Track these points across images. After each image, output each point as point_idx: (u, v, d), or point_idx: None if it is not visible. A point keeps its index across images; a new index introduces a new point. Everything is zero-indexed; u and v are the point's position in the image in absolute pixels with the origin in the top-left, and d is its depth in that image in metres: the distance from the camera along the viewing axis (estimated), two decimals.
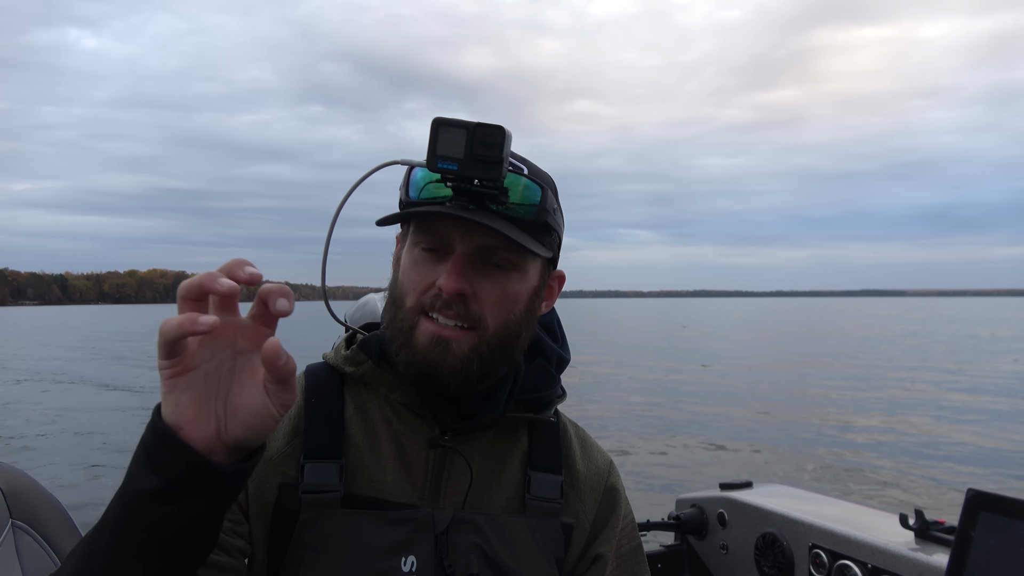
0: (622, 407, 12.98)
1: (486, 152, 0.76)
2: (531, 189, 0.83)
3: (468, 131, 0.76)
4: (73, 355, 27.31)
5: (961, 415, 11.85)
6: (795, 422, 11.33)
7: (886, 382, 16.27)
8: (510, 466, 0.92)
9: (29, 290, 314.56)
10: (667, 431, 10.75)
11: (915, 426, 10.90)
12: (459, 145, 0.76)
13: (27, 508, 1.24)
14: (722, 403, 13.40)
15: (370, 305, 1.30)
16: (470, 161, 0.76)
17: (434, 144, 0.77)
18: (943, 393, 14.41)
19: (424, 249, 0.84)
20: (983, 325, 45.13)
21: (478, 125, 0.76)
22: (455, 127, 0.77)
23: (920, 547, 1.39)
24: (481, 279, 0.82)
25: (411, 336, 0.82)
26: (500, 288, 0.83)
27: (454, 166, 0.77)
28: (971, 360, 21.31)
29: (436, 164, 0.77)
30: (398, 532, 0.82)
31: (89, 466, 8.80)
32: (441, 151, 0.77)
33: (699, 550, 1.99)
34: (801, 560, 1.62)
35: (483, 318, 0.82)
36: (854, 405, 12.97)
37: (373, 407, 0.90)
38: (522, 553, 0.86)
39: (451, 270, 0.80)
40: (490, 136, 0.76)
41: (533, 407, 0.95)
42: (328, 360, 0.95)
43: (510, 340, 0.86)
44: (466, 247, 0.81)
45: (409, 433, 0.88)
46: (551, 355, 0.97)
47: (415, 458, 0.87)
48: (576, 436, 1.01)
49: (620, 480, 1.02)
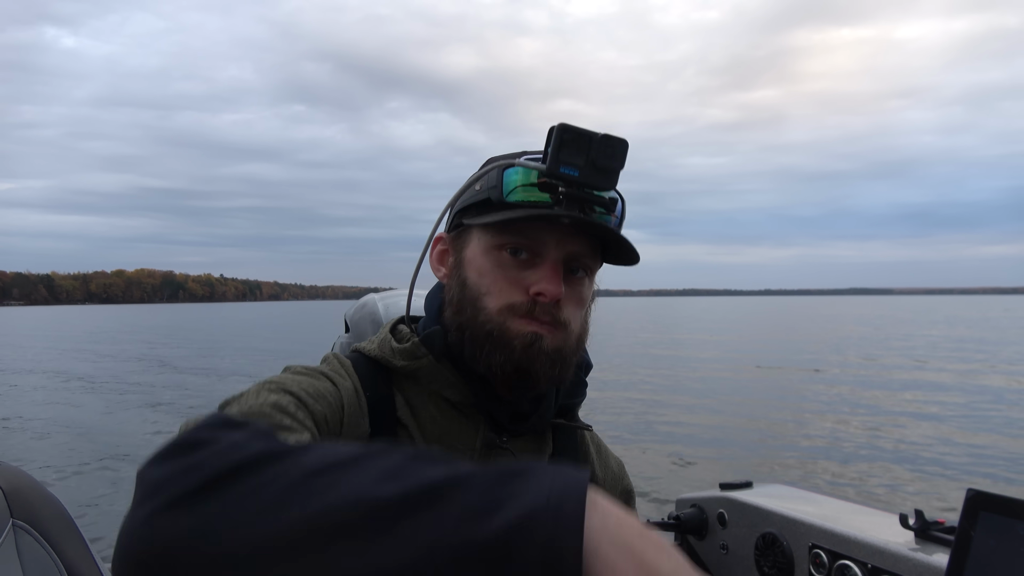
0: (622, 407, 12.98)
1: (608, 163, 0.78)
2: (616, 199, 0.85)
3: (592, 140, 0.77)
4: (70, 354, 27.33)
5: (962, 415, 11.85)
6: (795, 422, 11.34)
7: (886, 382, 16.27)
8: None
9: (15, 290, 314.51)
10: (667, 431, 10.76)
11: (915, 426, 10.90)
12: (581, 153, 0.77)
13: (28, 507, 1.24)
14: (722, 403, 13.40)
15: (369, 306, 1.30)
16: (590, 170, 0.78)
17: (558, 148, 0.77)
18: (943, 392, 14.41)
19: (508, 253, 0.83)
20: (977, 324, 45.18)
21: (604, 136, 0.77)
22: (580, 135, 0.77)
23: (920, 547, 1.39)
24: (566, 285, 0.84)
25: (505, 335, 0.82)
26: (579, 293, 0.86)
27: (575, 172, 0.78)
28: (972, 360, 21.31)
29: (558, 169, 0.77)
30: None
31: (89, 466, 8.80)
32: (564, 156, 0.77)
33: (699, 550, 2.00)
34: (801, 560, 1.62)
35: (570, 320, 0.84)
36: (855, 405, 12.97)
37: (419, 403, 0.90)
38: None
39: (552, 276, 0.81)
40: (613, 147, 0.78)
41: (563, 412, 0.97)
42: (370, 353, 0.93)
43: (581, 343, 0.89)
44: (559, 253, 0.82)
45: (455, 431, 0.89)
46: (581, 362, 0.98)
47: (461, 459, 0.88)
48: (592, 441, 1.04)
49: (631, 482, 1.06)
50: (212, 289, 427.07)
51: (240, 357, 25.59)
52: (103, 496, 7.45)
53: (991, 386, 15.39)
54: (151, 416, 12.55)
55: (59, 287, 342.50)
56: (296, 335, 38.83)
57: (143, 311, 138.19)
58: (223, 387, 16.08)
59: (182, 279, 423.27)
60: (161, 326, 56.23)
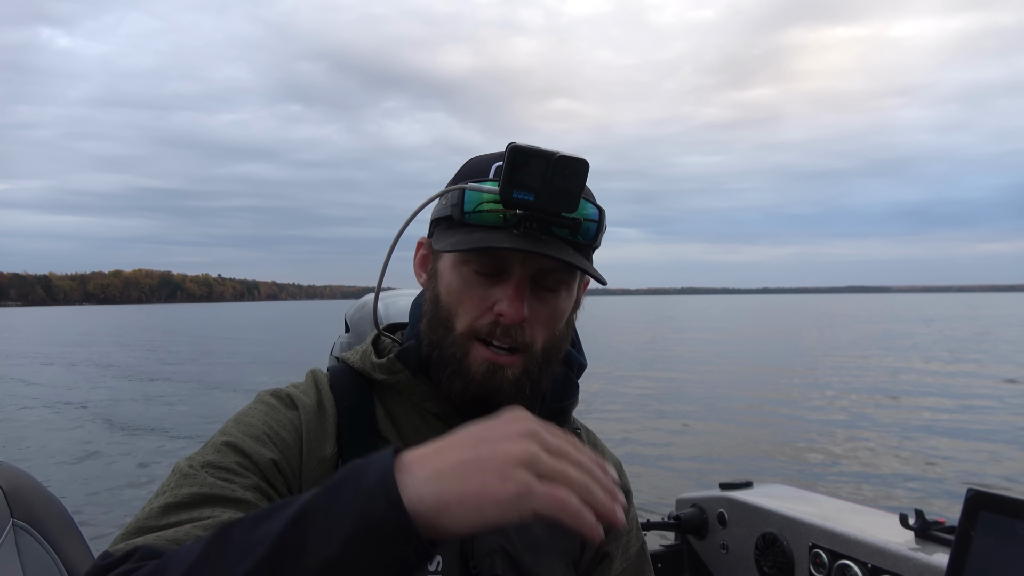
0: (622, 407, 12.99)
1: (565, 185, 0.74)
2: (591, 212, 0.82)
3: (548, 161, 0.73)
4: (69, 354, 27.32)
5: (961, 415, 11.85)
6: (796, 422, 11.34)
7: (887, 381, 16.27)
8: None
9: (12, 291, 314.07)
10: (667, 431, 10.76)
11: (916, 426, 10.90)
12: (537, 175, 0.73)
13: (28, 507, 1.24)
14: (722, 403, 13.40)
15: (368, 306, 1.29)
16: (547, 192, 0.74)
17: (511, 171, 0.73)
18: (944, 392, 14.42)
19: (475, 270, 0.82)
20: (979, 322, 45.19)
21: (561, 157, 0.73)
22: (534, 156, 0.73)
23: (920, 547, 1.39)
24: (534, 301, 0.82)
25: (464, 363, 0.81)
26: (550, 309, 0.83)
27: (531, 197, 0.74)
28: (973, 359, 21.32)
29: (511, 194, 0.74)
30: None
31: (89, 466, 8.79)
32: (517, 180, 0.73)
33: (699, 550, 2.00)
34: (801, 560, 1.62)
35: (533, 341, 0.82)
36: (855, 404, 12.97)
37: (401, 414, 0.89)
38: (543, 555, 0.87)
39: (514, 297, 0.79)
40: (571, 168, 0.73)
41: (554, 415, 0.95)
42: (353, 364, 0.93)
43: (555, 356, 0.87)
44: (526, 271, 0.80)
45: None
46: (573, 363, 0.97)
47: None
48: (589, 441, 1.03)
49: (628, 481, 1.04)
50: (210, 289, 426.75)
51: (238, 359, 25.57)
52: (103, 496, 7.45)
53: (991, 387, 15.40)
54: (150, 416, 12.55)
55: (56, 288, 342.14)
56: (295, 335, 38.81)
57: (141, 311, 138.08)
58: (213, 397, 16.08)
59: (180, 279, 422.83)
60: (158, 327, 56.18)
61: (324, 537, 0.54)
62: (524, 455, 0.54)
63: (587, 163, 0.74)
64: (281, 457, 0.81)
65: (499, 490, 0.53)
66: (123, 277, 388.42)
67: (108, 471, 8.48)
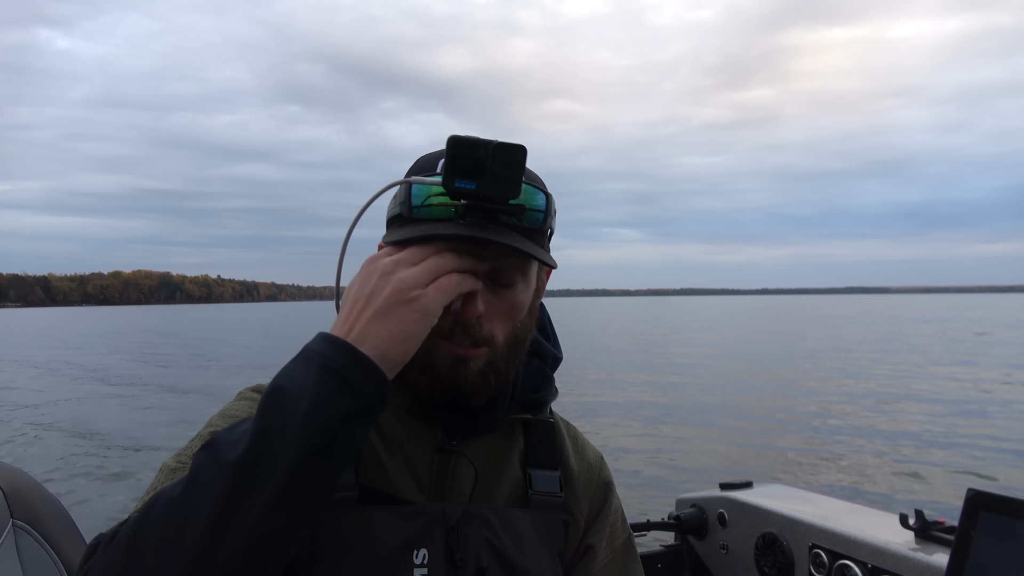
0: (622, 406, 12.99)
1: (506, 171, 0.74)
2: (537, 197, 0.82)
3: (488, 150, 0.74)
4: (68, 355, 27.32)
5: (963, 414, 11.86)
6: (795, 422, 11.34)
7: (887, 381, 16.28)
8: (510, 465, 0.94)
9: (11, 292, 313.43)
10: (667, 431, 10.76)
11: (916, 426, 10.91)
12: (478, 164, 0.74)
13: (28, 508, 1.24)
14: (722, 403, 13.40)
15: None
16: (489, 180, 0.74)
17: (451, 162, 0.74)
18: (943, 391, 14.42)
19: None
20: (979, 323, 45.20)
21: (499, 144, 0.74)
22: (473, 146, 0.74)
23: (920, 547, 1.39)
24: (491, 297, 0.83)
25: (428, 361, 0.82)
26: (508, 303, 0.84)
27: (472, 186, 0.74)
28: (975, 359, 21.33)
29: (453, 184, 0.75)
30: (410, 526, 0.83)
31: (89, 465, 8.79)
32: (458, 171, 0.74)
33: (699, 550, 2.00)
34: (801, 560, 1.62)
35: (494, 335, 0.83)
36: (855, 404, 12.97)
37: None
38: (528, 547, 0.88)
39: (469, 295, 0.79)
40: (511, 155, 0.74)
41: (529, 407, 0.96)
42: None
43: (519, 347, 0.87)
44: (481, 269, 0.80)
45: (413, 437, 0.89)
46: (546, 355, 0.98)
47: (419, 463, 0.88)
48: (568, 434, 1.03)
49: (611, 474, 1.03)
50: (209, 290, 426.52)
51: (236, 360, 25.56)
52: (103, 496, 7.45)
53: (990, 387, 15.41)
54: (151, 416, 12.55)
55: (56, 289, 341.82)
56: (292, 333, 38.78)
57: (141, 312, 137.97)
58: (210, 402, 16.09)
59: (179, 280, 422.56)
60: (164, 329, 56.12)
61: (297, 398, 0.65)
62: (401, 283, 0.71)
63: (525, 148, 0.74)
64: None
65: (412, 315, 0.70)
66: (122, 278, 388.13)
67: (108, 470, 8.48)
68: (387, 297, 0.70)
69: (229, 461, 0.64)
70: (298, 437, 0.64)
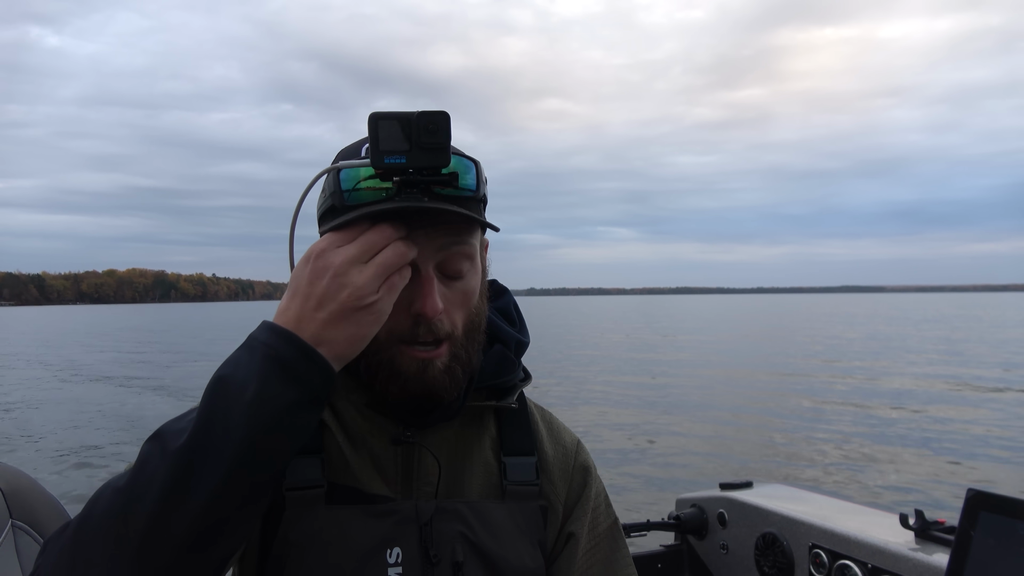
0: (622, 407, 12.99)
1: (432, 139, 0.73)
2: (467, 166, 0.80)
3: (410, 121, 0.73)
4: (66, 354, 27.31)
5: (963, 414, 11.86)
6: (796, 422, 11.34)
7: (887, 381, 16.28)
8: (480, 454, 0.92)
9: (5, 290, 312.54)
10: (666, 431, 10.76)
11: (916, 426, 10.91)
12: (401, 137, 0.73)
13: (27, 508, 1.24)
14: (722, 403, 13.40)
15: None
16: (417, 152, 0.73)
17: (376, 140, 0.73)
18: (943, 391, 14.42)
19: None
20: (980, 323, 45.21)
21: (420, 113, 0.73)
22: (395, 119, 0.73)
23: (920, 547, 1.39)
24: (444, 291, 0.82)
25: (394, 367, 0.81)
26: (461, 293, 0.83)
27: (401, 159, 0.73)
28: (975, 358, 21.33)
29: (382, 161, 0.73)
30: (382, 525, 0.82)
31: (88, 466, 8.79)
32: (384, 146, 0.73)
33: (699, 550, 2.00)
34: (801, 560, 1.62)
35: (453, 327, 0.82)
36: (855, 404, 12.97)
37: (341, 406, 0.90)
38: (506, 538, 0.87)
39: (428, 292, 0.79)
40: (434, 122, 0.73)
41: (496, 394, 0.94)
42: None
43: (475, 331, 0.87)
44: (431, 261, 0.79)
45: (375, 431, 0.88)
46: (508, 340, 0.95)
47: (383, 455, 0.87)
48: (542, 419, 1.01)
49: (590, 457, 1.02)
50: (204, 289, 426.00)
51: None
52: None
53: (991, 387, 15.41)
54: (151, 416, 12.54)
55: (50, 287, 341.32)
56: None
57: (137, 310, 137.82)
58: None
59: (174, 279, 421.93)
60: (151, 327, 56.15)
61: (241, 388, 0.66)
62: (358, 290, 0.70)
63: (447, 114, 0.73)
64: None
65: (368, 318, 0.72)
66: (117, 276, 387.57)
67: (108, 471, 8.48)
68: (343, 302, 0.70)
69: (173, 449, 0.65)
70: (241, 426, 0.65)
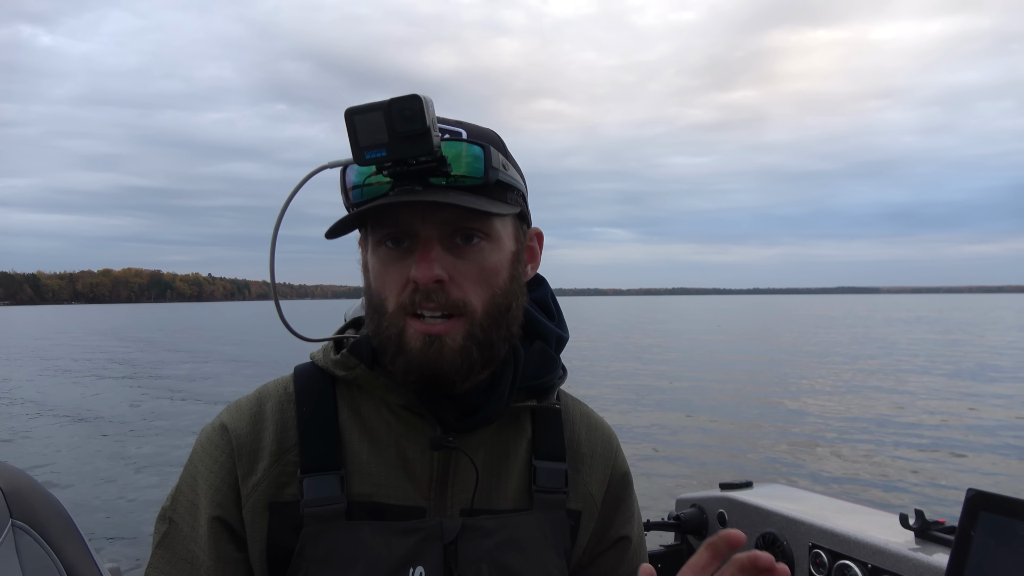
0: (622, 407, 12.99)
1: (410, 126, 0.71)
2: (472, 150, 0.77)
3: (384, 111, 0.71)
4: (65, 354, 27.30)
5: (963, 414, 11.86)
6: (796, 422, 11.34)
7: (887, 381, 16.28)
8: (516, 456, 0.89)
9: (0, 289, 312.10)
10: (666, 431, 10.76)
11: (916, 426, 10.91)
12: (380, 129, 0.71)
13: (27, 508, 1.23)
14: (722, 403, 13.40)
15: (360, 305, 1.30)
16: (396, 141, 0.71)
17: (354, 136, 0.72)
18: (943, 391, 14.42)
19: (389, 246, 0.79)
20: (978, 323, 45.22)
21: (392, 101, 0.71)
22: (370, 111, 0.72)
23: (920, 547, 1.39)
24: (455, 260, 0.78)
25: (402, 341, 0.78)
26: (476, 265, 0.79)
27: (382, 152, 0.72)
28: (973, 360, 21.33)
29: (363, 156, 0.72)
30: (405, 543, 0.79)
31: (88, 466, 8.79)
32: (364, 141, 0.72)
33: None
34: (801, 560, 1.62)
35: (467, 301, 0.77)
36: (856, 404, 12.97)
37: (369, 409, 0.86)
38: (532, 550, 0.84)
39: (420, 258, 0.76)
40: (408, 108, 0.71)
41: (535, 393, 0.90)
42: (317, 362, 0.90)
43: (502, 315, 0.81)
44: (429, 230, 0.77)
45: (411, 435, 0.85)
46: (549, 335, 0.91)
47: (418, 460, 0.84)
48: (580, 416, 0.98)
49: (626, 460, 1.01)
50: (200, 288, 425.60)
51: (230, 364, 25.54)
52: (103, 496, 7.44)
53: (990, 387, 15.41)
54: (151, 416, 12.54)
55: (45, 287, 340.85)
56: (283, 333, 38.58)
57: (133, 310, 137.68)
58: (211, 404, 16.09)
59: (170, 278, 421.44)
60: (149, 327, 56.14)
61: None
62: None
63: (419, 97, 0.71)
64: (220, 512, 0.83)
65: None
66: (112, 276, 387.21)
67: (108, 470, 8.48)
68: None
69: None
70: None
